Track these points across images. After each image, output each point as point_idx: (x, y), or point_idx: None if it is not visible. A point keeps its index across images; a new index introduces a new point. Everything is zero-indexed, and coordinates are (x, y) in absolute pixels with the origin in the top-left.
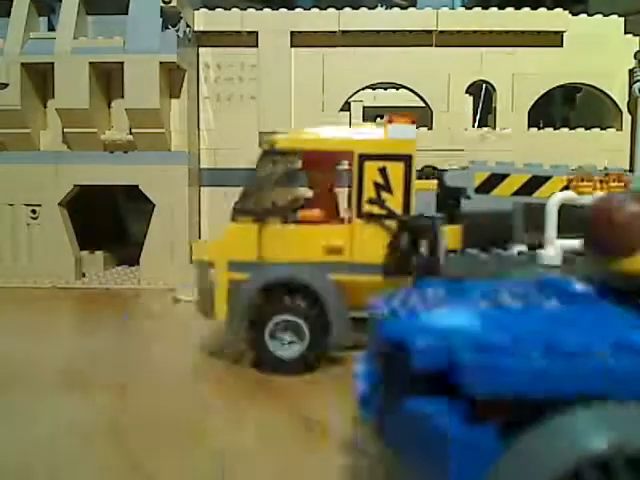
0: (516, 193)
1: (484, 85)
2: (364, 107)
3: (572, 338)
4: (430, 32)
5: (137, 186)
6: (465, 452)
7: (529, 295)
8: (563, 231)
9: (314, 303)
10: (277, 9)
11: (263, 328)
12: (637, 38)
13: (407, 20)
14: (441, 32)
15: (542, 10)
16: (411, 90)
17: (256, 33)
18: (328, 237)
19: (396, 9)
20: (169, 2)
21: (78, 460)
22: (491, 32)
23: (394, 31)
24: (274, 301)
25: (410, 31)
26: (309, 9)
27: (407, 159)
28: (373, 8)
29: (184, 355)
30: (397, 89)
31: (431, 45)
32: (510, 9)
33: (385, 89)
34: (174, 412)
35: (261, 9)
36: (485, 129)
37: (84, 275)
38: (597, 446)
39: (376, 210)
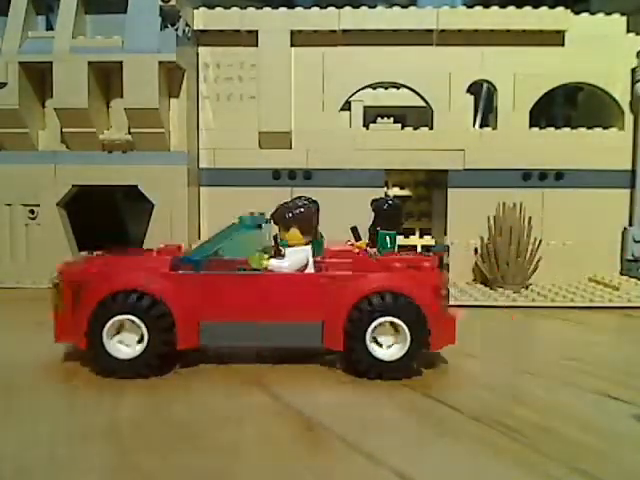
0: None
1: (485, 85)
2: (365, 107)
3: None
4: (431, 31)
5: (136, 186)
6: None
7: None
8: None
9: None
10: (277, 8)
11: None
12: None
13: (408, 19)
14: (442, 31)
15: (544, 9)
16: (412, 89)
17: (256, 32)
18: None
19: (396, 8)
20: (168, 1)
21: (78, 460)
22: (492, 31)
23: (395, 30)
24: None
25: (411, 30)
26: (309, 8)
27: None
28: (374, 7)
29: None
30: (398, 89)
31: (432, 44)
32: (511, 8)
33: (386, 88)
34: (171, 411)
35: (261, 8)
36: (486, 129)
37: None
38: None
39: None
